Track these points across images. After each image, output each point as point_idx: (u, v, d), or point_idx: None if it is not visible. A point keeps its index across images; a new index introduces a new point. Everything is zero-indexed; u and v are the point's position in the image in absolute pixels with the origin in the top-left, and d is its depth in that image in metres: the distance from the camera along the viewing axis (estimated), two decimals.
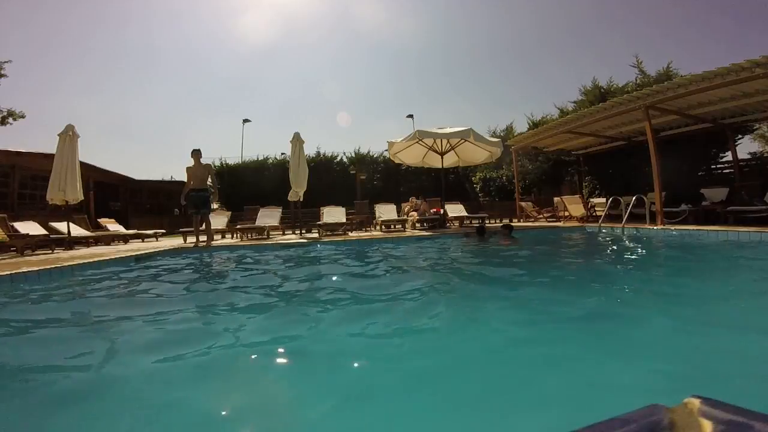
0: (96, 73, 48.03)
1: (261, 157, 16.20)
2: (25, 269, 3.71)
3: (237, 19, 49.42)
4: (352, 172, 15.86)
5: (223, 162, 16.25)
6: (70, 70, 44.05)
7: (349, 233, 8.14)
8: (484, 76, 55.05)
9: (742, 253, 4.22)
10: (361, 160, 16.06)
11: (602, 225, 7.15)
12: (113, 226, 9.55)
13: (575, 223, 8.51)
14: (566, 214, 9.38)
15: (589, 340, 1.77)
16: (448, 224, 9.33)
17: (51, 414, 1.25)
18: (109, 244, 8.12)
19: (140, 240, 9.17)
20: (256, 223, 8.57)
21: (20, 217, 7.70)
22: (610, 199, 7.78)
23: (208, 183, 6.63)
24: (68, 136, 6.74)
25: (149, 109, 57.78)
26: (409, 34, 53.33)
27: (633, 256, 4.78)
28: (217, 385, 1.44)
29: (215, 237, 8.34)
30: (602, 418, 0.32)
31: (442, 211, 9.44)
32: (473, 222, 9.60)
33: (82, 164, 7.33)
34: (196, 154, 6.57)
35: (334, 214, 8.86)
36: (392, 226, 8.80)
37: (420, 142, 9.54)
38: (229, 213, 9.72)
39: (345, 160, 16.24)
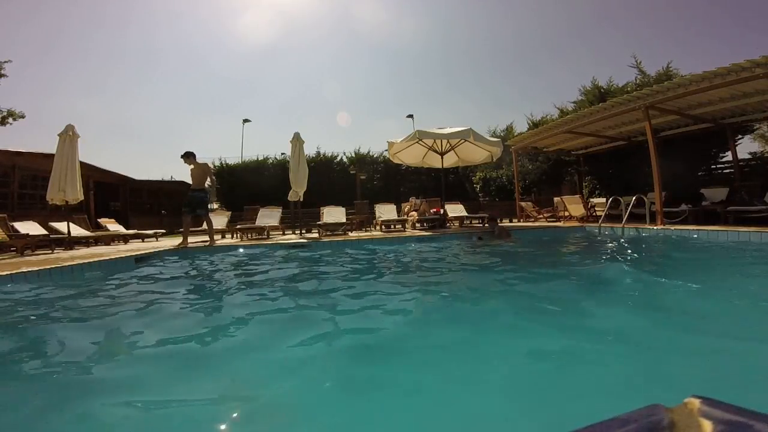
0: (96, 73, 48.16)
1: (261, 157, 16.21)
2: (25, 269, 3.71)
3: (237, 19, 49.55)
4: (352, 172, 15.86)
5: (223, 162, 16.25)
6: (70, 70, 44.18)
7: (349, 233, 8.14)
8: (484, 76, 55.21)
9: (741, 252, 4.22)
10: (361, 160, 16.06)
11: (602, 225, 7.14)
12: (113, 226, 9.55)
13: (575, 223, 8.51)
14: (566, 214, 9.38)
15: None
16: (448, 224, 9.33)
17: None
18: (109, 244, 8.11)
19: (140, 240, 9.17)
20: (256, 223, 8.57)
21: (20, 217, 7.70)
22: (610, 199, 7.78)
23: (207, 184, 6.53)
24: (68, 136, 6.74)
25: (149, 109, 57.90)
26: (410, 34, 53.47)
27: (634, 256, 4.78)
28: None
29: (215, 237, 8.34)
30: (602, 418, 0.32)
31: (442, 211, 9.44)
32: (473, 222, 9.60)
33: (82, 164, 7.33)
34: (188, 157, 6.43)
35: (334, 214, 8.86)
36: (392, 226, 8.80)
37: (420, 142, 9.53)
38: (229, 213, 9.73)
39: (345, 160, 16.25)
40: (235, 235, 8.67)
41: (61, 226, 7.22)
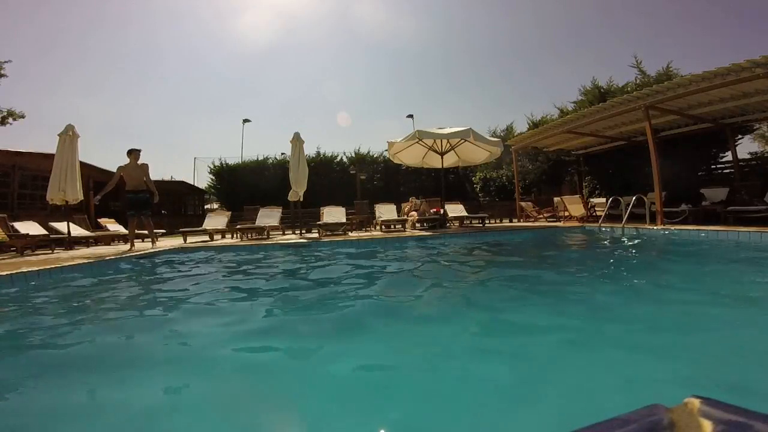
0: (96, 73, 48.26)
1: (261, 157, 16.22)
2: (25, 269, 3.71)
3: (237, 20, 49.62)
4: (352, 172, 15.86)
5: (223, 162, 16.26)
6: (70, 70, 44.25)
7: (349, 233, 8.14)
8: (484, 76, 55.26)
9: (741, 252, 4.22)
10: (361, 160, 16.07)
11: (602, 225, 7.15)
12: (113, 226, 9.55)
13: (575, 223, 8.51)
14: (566, 214, 9.38)
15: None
16: (448, 224, 9.33)
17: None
18: (109, 244, 8.12)
19: (140, 240, 9.16)
20: (256, 223, 8.57)
21: (20, 217, 7.71)
22: (610, 199, 7.78)
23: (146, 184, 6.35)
24: (68, 136, 6.73)
25: (149, 109, 57.92)
26: (410, 34, 53.57)
27: (633, 255, 4.78)
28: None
29: (215, 237, 8.35)
30: (602, 419, 0.32)
31: (442, 211, 9.44)
32: (473, 222, 9.60)
33: (82, 164, 7.32)
34: (133, 153, 6.34)
35: (334, 214, 8.86)
36: (392, 226, 8.80)
37: (420, 142, 9.53)
38: (229, 213, 9.73)
39: (345, 160, 16.25)
40: (235, 235, 8.68)
41: (61, 226, 7.22)
